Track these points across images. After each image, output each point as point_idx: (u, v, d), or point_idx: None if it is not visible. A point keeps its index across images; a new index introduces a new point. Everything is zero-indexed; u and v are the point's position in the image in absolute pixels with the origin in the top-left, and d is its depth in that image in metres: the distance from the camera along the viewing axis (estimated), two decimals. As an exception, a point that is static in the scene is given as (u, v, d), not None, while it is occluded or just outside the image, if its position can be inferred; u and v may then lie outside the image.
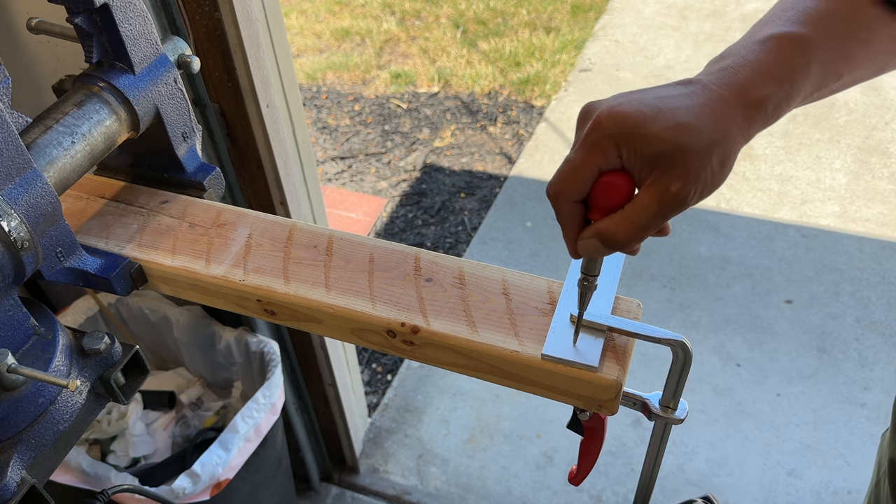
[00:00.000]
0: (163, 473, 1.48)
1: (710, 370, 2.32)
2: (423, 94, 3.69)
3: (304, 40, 4.13)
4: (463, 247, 2.83)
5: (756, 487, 2.04)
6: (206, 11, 1.15)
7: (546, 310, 0.66)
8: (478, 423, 2.24)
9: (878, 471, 1.09)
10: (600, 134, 0.53)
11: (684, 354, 0.60)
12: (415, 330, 0.65)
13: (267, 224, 0.77)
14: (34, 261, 0.66)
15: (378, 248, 0.73)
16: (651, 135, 0.52)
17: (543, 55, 3.86)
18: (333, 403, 1.90)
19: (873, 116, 3.30)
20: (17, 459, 0.66)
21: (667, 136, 0.52)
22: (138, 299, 1.60)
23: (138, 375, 0.75)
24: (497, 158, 3.26)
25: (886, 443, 1.06)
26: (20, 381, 0.64)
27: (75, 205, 0.81)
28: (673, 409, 0.65)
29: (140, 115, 0.74)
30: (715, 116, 0.53)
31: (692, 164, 0.52)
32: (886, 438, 1.06)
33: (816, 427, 2.17)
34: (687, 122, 0.53)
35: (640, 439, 2.16)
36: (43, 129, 0.69)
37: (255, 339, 1.53)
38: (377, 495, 2.08)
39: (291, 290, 0.70)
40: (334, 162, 3.32)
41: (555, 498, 2.05)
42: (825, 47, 0.58)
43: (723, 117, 0.54)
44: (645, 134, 0.52)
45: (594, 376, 0.61)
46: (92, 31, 0.71)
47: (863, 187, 2.96)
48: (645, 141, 0.52)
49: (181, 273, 0.73)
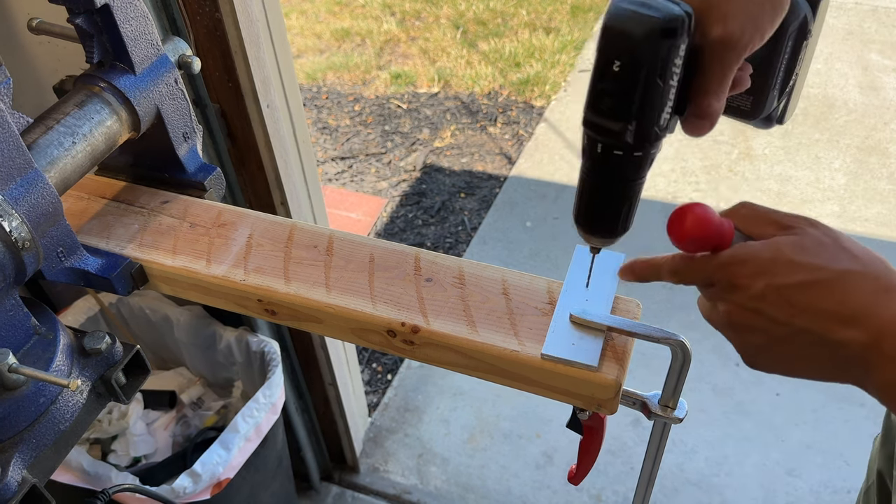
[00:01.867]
0: (163, 473, 1.49)
1: (710, 370, 2.32)
2: (423, 94, 3.69)
3: (305, 41, 4.13)
4: (463, 247, 2.83)
5: (755, 487, 2.04)
6: (206, 12, 1.15)
7: (546, 309, 0.66)
8: (478, 422, 2.24)
9: (868, 478, 1.09)
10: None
11: (683, 354, 0.60)
12: (415, 330, 0.66)
13: (267, 224, 0.77)
14: (35, 261, 0.66)
15: (378, 248, 0.73)
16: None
17: (543, 55, 3.87)
18: (334, 403, 1.90)
19: (872, 116, 3.30)
20: (18, 459, 0.66)
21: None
22: (139, 299, 1.61)
23: (139, 375, 0.75)
24: (497, 158, 3.27)
25: (877, 449, 1.05)
26: (21, 381, 0.64)
27: (76, 205, 0.81)
28: (672, 409, 0.65)
29: (141, 115, 0.75)
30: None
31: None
32: (877, 444, 1.06)
33: (816, 427, 2.17)
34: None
35: (640, 438, 2.16)
36: (44, 129, 0.69)
37: (256, 338, 1.53)
38: (377, 495, 2.08)
39: (292, 289, 0.70)
40: (334, 162, 3.32)
41: (554, 497, 2.05)
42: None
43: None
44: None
45: (594, 376, 0.61)
46: (93, 31, 0.71)
47: (862, 187, 2.96)
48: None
49: (182, 273, 0.73)
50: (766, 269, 0.52)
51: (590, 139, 0.56)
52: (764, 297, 0.52)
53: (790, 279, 0.51)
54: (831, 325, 0.51)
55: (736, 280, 0.53)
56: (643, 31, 0.50)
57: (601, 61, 0.53)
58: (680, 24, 0.51)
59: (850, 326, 0.50)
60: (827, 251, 0.52)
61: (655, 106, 0.53)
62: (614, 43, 0.52)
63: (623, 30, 0.51)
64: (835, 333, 0.51)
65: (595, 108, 0.55)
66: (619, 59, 0.52)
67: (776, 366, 0.57)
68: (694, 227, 0.55)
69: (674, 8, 0.51)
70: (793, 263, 0.52)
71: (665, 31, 0.50)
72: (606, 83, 0.53)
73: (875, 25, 3.88)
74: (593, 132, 0.56)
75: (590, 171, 0.58)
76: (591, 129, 0.56)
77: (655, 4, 0.51)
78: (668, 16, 0.50)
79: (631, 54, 0.51)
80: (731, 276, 0.54)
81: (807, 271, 0.51)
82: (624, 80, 0.52)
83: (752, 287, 0.52)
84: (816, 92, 3.48)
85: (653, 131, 0.54)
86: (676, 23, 0.50)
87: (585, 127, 0.56)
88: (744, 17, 0.53)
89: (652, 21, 0.50)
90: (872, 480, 1.05)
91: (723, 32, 0.53)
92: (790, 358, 0.55)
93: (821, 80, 3.54)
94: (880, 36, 3.81)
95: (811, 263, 0.51)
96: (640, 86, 0.52)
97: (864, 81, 3.52)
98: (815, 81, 3.54)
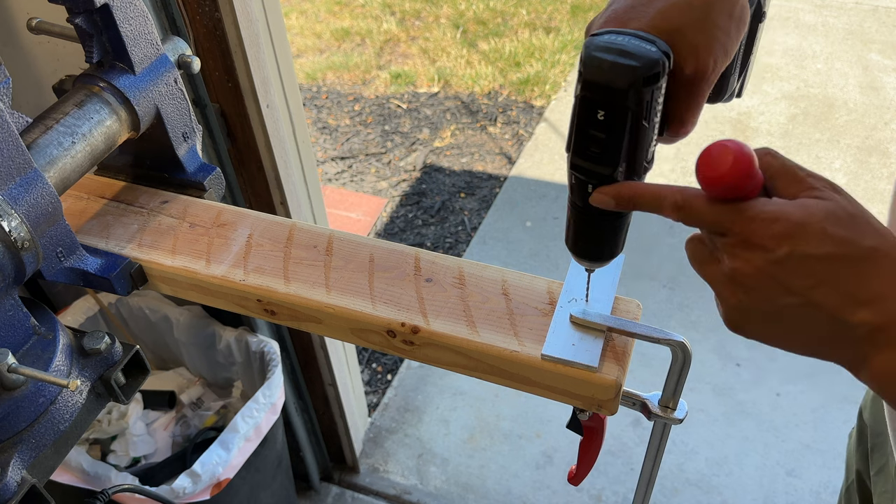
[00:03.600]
0: (163, 473, 1.49)
1: (710, 370, 2.32)
2: (423, 94, 3.69)
3: (304, 40, 4.13)
4: (463, 247, 2.83)
5: (755, 487, 2.04)
6: (206, 11, 1.15)
7: (546, 310, 0.66)
8: (478, 422, 2.24)
9: (848, 477, 1.08)
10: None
11: (684, 354, 0.60)
12: (415, 330, 0.65)
13: (267, 224, 0.77)
14: (34, 261, 0.66)
15: (378, 248, 0.73)
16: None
17: (543, 55, 3.87)
18: (333, 403, 1.90)
19: (873, 116, 3.30)
20: (17, 459, 0.66)
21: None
22: (139, 299, 1.60)
23: (138, 375, 0.75)
24: (497, 158, 3.26)
25: (853, 445, 1.05)
26: (20, 381, 0.64)
27: (76, 205, 0.81)
28: (672, 409, 0.65)
29: (140, 115, 0.74)
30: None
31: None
32: (853, 441, 1.05)
33: (816, 427, 2.17)
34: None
35: (640, 439, 2.16)
36: (43, 129, 0.69)
37: (256, 338, 1.53)
38: (377, 495, 2.08)
39: (292, 290, 0.70)
40: (334, 162, 3.32)
41: (554, 497, 2.05)
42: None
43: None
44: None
45: (594, 376, 0.61)
46: (92, 31, 0.71)
47: (862, 187, 2.96)
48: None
49: (181, 273, 0.73)
50: (794, 233, 0.48)
51: (578, 180, 0.55)
52: (785, 262, 0.48)
53: (817, 249, 0.48)
54: (846, 304, 0.48)
55: (757, 238, 0.48)
56: (625, 83, 0.49)
57: (584, 111, 0.52)
58: (661, 67, 0.50)
59: (865, 308, 0.48)
60: (856, 225, 0.49)
61: (643, 145, 0.53)
62: (597, 95, 0.51)
63: (604, 82, 0.50)
64: (847, 313, 0.48)
65: (582, 155, 0.54)
66: (602, 109, 0.51)
67: (764, 334, 0.53)
68: (735, 170, 0.48)
69: (650, 52, 0.50)
70: (823, 233, 0.48)
71: (647, 80, 0.50)
72: (592, 132, 0.52)
73: (875, 25, 3.88)
74: (582, 175, 0.55)
75: (581, 209, 0.57)
76: (580, 172, 0.55)
77: (632, 50, 0.50)
78: (648, 63, 0.49)
79: (615, 104, 0.50)
80: (753, 233, 0.49)
81: (835, 244, 0.48)
82: (610, 128, 0.51)
83: (775, 250, 0.48)
84: (816, 92, 3.48)
85: (642, 167, 0.54)
86: (657, 68, 0.50)
87: (573, 170, 0.55)
88: (714, 46, 0.53)
89: (633, 71, 0.49)
90: (852, 479, 1.05)
91: (695, 67, 0.53)
92: (786, 329, 0.51)
93: (821, 80, 3.55)
94: (880, 36, 3.81)
95: (840, 236, 0.48)
96: (626, 132, 0.51)
97: (865, 81, 3.52)
98: (815, 81, 3.54)
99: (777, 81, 3.56)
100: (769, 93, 3.49)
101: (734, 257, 0.50)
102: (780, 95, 3.47)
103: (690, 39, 0.53)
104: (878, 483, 0.92)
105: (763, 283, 0.49)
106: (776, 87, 3.53)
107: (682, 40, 0.52)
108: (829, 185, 0.51)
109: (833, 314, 0.48)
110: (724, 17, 0.54)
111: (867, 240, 0.48)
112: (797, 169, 0.51)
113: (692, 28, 0.53)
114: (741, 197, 0.49)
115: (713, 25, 0.53)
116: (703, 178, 0.49)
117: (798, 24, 3.91)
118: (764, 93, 3.49)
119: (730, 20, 0.54)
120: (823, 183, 0.51)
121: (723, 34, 0.54)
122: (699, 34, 0.53)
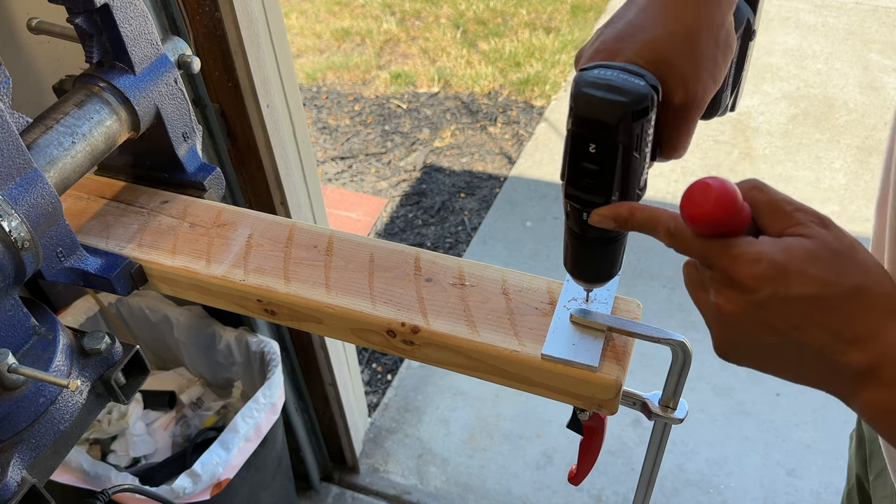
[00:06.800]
0: (163, 473, 1.49)
1: (710, 370, 2.32)
2: (423, 94, 3.69)
3: (304, 40, 4.13)
4: (463, 247, 2.83)
5: (756, 487, 2.04)
6: (206, 11, 1.15)
7: (546, 310, 0.66)
8: (478, 422, 2.24)
9: (849, 480, 1.08)
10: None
11: (684, 354, 0.60)
12: (415, 330, 0.65)
13: (267, 224, 0.77)
14: (35, 261, 0.66)
15: (378, 248, 0.73)
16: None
17: (543, 55, 3.86)
18: (333, 403, 1.90)
19: (873, 116, 3.30)
20: (17, 459, 0.66)
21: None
22: (139, 299, 1.60)
23: (139, 375, 0.75)
24: (497, 158, 3.26)
25: (854, 449, 1.05)
26: (20, 381, 0.64)
27: (76, 205, 0.81)
28: (672, 409, 0.65)
29: (140, 115, 0.74)
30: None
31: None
32: (853, 446, 1.05)
33: (816, 427, 2.17)
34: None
35: (640, 439, 2.16)
36: (43, 129, 0.69)
37: (256, 338, 1.53)
38: (377, 495, 2.08)
39: (292, 290, 0.70)
40: (334, 162, 3.32)
41: (554, 497, 2.05)
42: None
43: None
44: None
45: (594, 376, 0.61)
46: (92, 31, 0.71)
47: (862, 187, 2.96)
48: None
49: (181, 273, 0.73)
50: (775, 276, 0.48)
51: (573, 208, 0.57)
52: (766, 304, 0.48)
53: (798, 291, 0.48)
54: (832, 344, 0.48)
55: (739, 277, 0.49)
56: (616, 118, 0.50)
57: (577, 145, 0.53)
58: (650, 101, 0.51)
59: (851, 347, 0.48)
60: (839, 262, 0.49)
61: (635, 175, 0.54)
62: (588, 130, 0.52)
63: (595, 118, 0.51)
64: (833, 352, 0.48)
65: (576, 185, 0.55)
66: (594, 143, 0.52)
67: (753, 365, 0.53)
68: (717, 209, 0.48)
69: (639, 86, 0.51)
70: (804, 274, 0.48)
71: (636, 114, 0.50)
72: (585, 164, 0.53)
73: (875, 25, 3.88)
74: (577, 204, 0.56)
75: (578, 235, 0.59)
76: (575, 201, 0.56)
77: (620, 85, 0.50)
78: (637, 97, 0.50)
79: (606, 139, 0.51)
80: (736, 272, 0.49)
81: (817, 285, 0.48)
82: (602, 160, 0.53)
83: (756, 291, 0.48)
84: (816, 92, 3.48)
85: (635, 194, 0.55)
86: (646, 102, 0.51)
87: (568, 199, 0.57)
88: (702, 74, 0.54)
89: (623, 106, 0.50)
90: (853, 483, 1.05)
91: (684, 97, 0.54)
92: (773, 362, 0.52)
93: (821, 80, 3.54)
94: (880, 36, 3.81)
95: (822, 277, 0.48)
96: (618, 164, 0.52)
97: (865, 81, 3.52)
98: (815, 81, 3.54)
99: (777, 81, 3.56)
100: (769, 93, 3.49)
101: (718, 293, 0.50)
102: (780, 95, 3.47)
103: (678, 69, 0.53)
104: (878, 488, 0.93)
105: (746, 322, 0.50)
106: (776, 87, 3.53)
107: (670, 70, 0.53)
108: (818, 219, 0.51)
109: (820, 352, 0.49)
110: (710, 45, 0.54)
111: (850, 278, 0.48)
112: (784, 203, 0.51)
113: (680, 57, 0.53)
114: (727, 233, 0.50)
115: (700, 54, 0.54)
116: (687, 216, 0.50)
117: (798, 24, 3.91)
118: (764, 93, 3.49)
119: (716, 47, 0.55)
120: (811, 217, 0.50)
121: (710, 62, 0.54)
122: (687, 63, 0.53)
